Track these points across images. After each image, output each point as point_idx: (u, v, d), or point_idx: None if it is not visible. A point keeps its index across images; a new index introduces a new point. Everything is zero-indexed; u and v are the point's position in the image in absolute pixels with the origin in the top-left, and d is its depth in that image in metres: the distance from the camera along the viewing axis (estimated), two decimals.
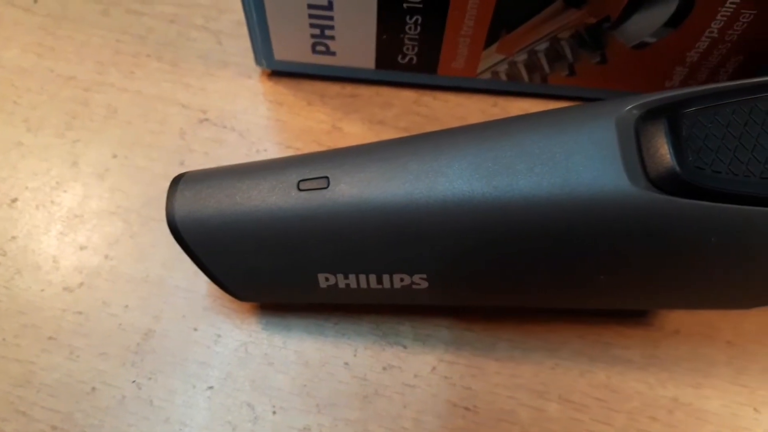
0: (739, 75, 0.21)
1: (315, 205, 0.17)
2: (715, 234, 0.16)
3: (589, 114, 0.17)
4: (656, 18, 0.19)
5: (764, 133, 0.16)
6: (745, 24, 0.19)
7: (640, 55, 0.21)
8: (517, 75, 0.22)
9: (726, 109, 0.17)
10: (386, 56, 0.22)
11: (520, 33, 0.20)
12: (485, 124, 0.18)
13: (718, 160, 0.16)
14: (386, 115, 0.23)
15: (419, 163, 0.17)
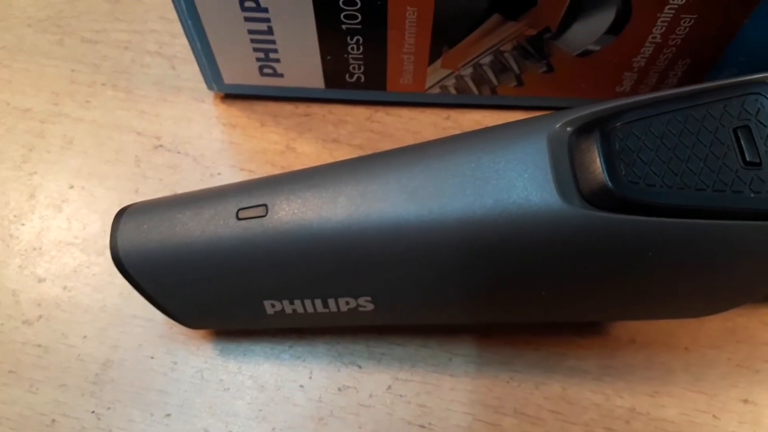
0: (688, 78, 0.21)
1: (254, 234, 0.17)
2: (651, 248, 0.16)
3: (521, 132, 0.17)
4: (596, 26, 0.19)
5: (699, 143, 0.16)
6: (687, 28, 0.19)
7: (586, 63, 0.21)
8: (465, 88, 0.22)
9: (660, 120, 0.17)
10: (334, 76, 0.22)
11: (462, 48, 0.20)
12: (419, 146, 0.18)
13: (651, 172, 0.16)
14: (340, 133, 0.23)
15: (355, 188, 0.17)
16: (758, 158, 0.16)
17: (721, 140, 0.16)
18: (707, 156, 0.16)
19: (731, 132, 0.16)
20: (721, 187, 0.16)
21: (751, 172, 0.16)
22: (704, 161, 0.16)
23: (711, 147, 0.16)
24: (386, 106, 0.24)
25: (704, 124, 0.17)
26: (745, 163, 0.16)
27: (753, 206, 0.16)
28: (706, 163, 0.16)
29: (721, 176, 0.16)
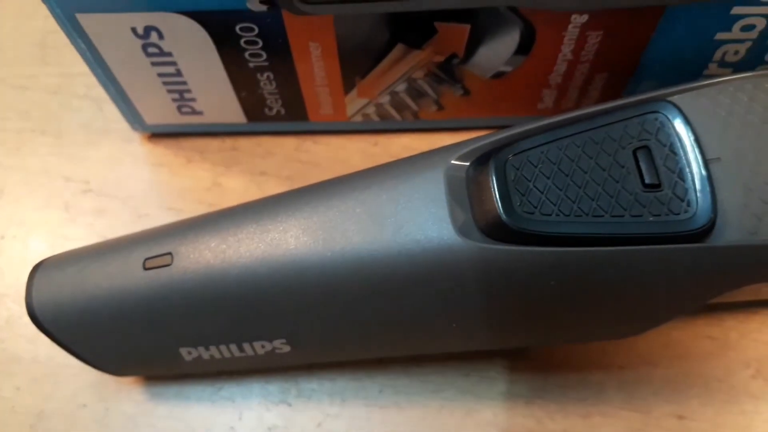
0: (608, 91, 0.21)
1: (160, 284, 0.17)
2: (552, 278, 0.16)
3: (418, 167, 0.17)
4: (504, 49, 0.19)
5: (597, 167, 0.16)
6: (596, 44, 0.19)
7: (501, 83, 0.20)
8: (387, 115, 0.22)
9: (557, 145, 0.16)
10: (253, 110, 0.22)
11: (374, 78, 0.20)
12: (322, 185, 0.18)
13: (547, 201, 0.16)
14: (268, 165, 0.23)
15: (257, 230, 0.17)
16: (658, 180, 0.16)
17: (620, 163, 0.16)
18: (605, 180, 0.16)
19: (631, 154, 0.16)
20: (620, 212, 0.16)
21: (650, 194, 0.16)
22: (602, 186, 0.16)
23: (610, 171, 0.16)
24: (314, 135, 0.23)
25: (603, 147, 0.16)
26: (645, 185, 0.16)
27: (653, 231, 0.15)
28: (604, 188, 0.16)
29: (620, 201, 0.16)
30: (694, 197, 0.15)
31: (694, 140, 0.16)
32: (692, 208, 0.15)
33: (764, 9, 0.18)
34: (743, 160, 0.16)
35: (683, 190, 0.16)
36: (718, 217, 0.16)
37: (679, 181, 0.16)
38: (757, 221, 0.15)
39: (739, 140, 0.16)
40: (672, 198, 0.15)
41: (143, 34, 0.18)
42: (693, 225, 0.15)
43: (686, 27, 0.18)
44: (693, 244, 0.15)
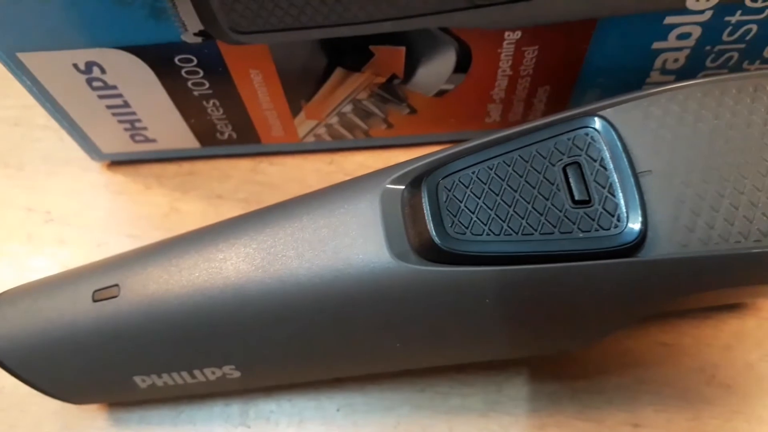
0: (553, 103, 0.21)
1: (108, 316, 0.17)
2: (486, 296, 0.16)
3: (354, 191, 0.17)
4: (442, 68, 0.19)
5: (527, 185, 0.16)
6: (534, 59, 0.19)
7: (446, 101, 0.21)
8: (339, 135, 0.22)
9: (488, 165, 0.17)
10: (205, 136, 0.22)
11: (318, 101, 0.20)
12: (262, 212, 0.18)
13: (478, 222, 0.16)
14: (224, 188, 0.23)
15: (198, 260, 0.17)
16: (587, 196, 0.16)
17: (549, 180, 0.16)
18: (535, 198, 0.16)
19: (560, 170, 0.16)
20: (549, 229, 0.16)
21: (580, 210, 0.16)
22: (532, 204, 0.16)
23: (539, 188, 0.16)
24: (270, 156, 0.24)
25: (533, 164, 0.16)
26: (574, 202, 0.16)
27: (582, 247, 0.15)
28: (533, 206, 0.16)
29: (549, 218, 0.16)
30: (624, 212, 0.16)
31: (624, 154, 0.16)
32: (622, 223, 0.15)
33: (696, 17, 0.18)
34: (675, 171, 0.16)
35: (613, 205, 0.16)
36: (649, 230, 0.16)
37: (609, 196, 0.16)
38: (688, 233, 0.16)
39: (670, 152, 0.16)
40: (602, 213, 0.16)
41: (85, 69, 0.19)
42: (623, 240, 0.15)
43: (621, 38, 0.18)
44: (624, 258, 0.15)
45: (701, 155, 0.16)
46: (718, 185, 0.16)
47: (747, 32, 0.19)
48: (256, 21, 0.17)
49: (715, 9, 0.18)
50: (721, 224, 0.16)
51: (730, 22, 0.18)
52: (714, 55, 0.19)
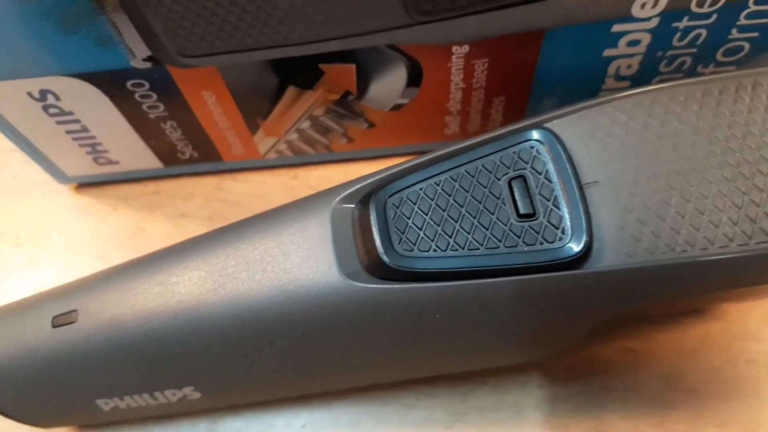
0: (510, 112, 0.21)
1: (67, 342, 0.18)
2: (436, 311, 0.16)
3: (304, 211, 0.17)
4: (394, 83, 0.19)
5: (473, 200, 0.16)
6: (485, 71, 0.19)
7: (403, 114, 0.21)
8: (300, 150, 0.22)
9: (435, 181, 0.17)
10: (167, 156, 0.22)
11: (275, 119, 0.20)
12: (216, 234, 0.18)
13: (425, 238, 0.16)
14: (189, 206, 0.23)
15: (152, 283, 0.17)
16: (532, 209, 0.16)
17: (495, 194, 0.16)
18: (481, 213, 0.16)
19: (506, 184, 0.16)
20: (494, 244, 0.16)
21: (524, 224, 0.16)
22: (478, 219, 0.16)
23: (485, 203, 0.16)
24: (234, 173, 0.24)
25: (479, 179, 0.16)
26: (519, 215, 0.16)
27: (527, 261, 0.15)
28: (479, 221, 0.16)
29: (495, 233, 0.16)
30: (568, 224, 0.16)
31: (569, 166, 0.16)
32: (566, 236, 0.15)
33: (644, 25, 0.18)
34: (621, 181, 0.16)
35: (558, 217, 0.16)
36: (595, 241, 0.16)
37: (553, 209, 0.16)
38: (635, 243, 0.16)
39: (617, 161, 0.16)
40: (546, 226, 0.16)
41: (40, 97, 0.19)
42: (566, 253, 0.15)
43: (571, 47, 0.18)
44: (568, 271, 0.15)
45: (648, 164, 0.16)
46: (665, 194, 0.16)
47: (697, 37, 0.19)
48: (202, 45, 0.17)
49: (661, 16, 0.18)
50: (667, 233, 0.16)
51: (678, 27, 0.18)
52: (667, 60, 0.19)
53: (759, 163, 0.16)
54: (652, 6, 0.17)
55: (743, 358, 0.20)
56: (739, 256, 0.16)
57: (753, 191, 0.16)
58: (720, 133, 0.17)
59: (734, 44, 0.19)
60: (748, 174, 0.16)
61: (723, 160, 0.16)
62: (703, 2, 0.17)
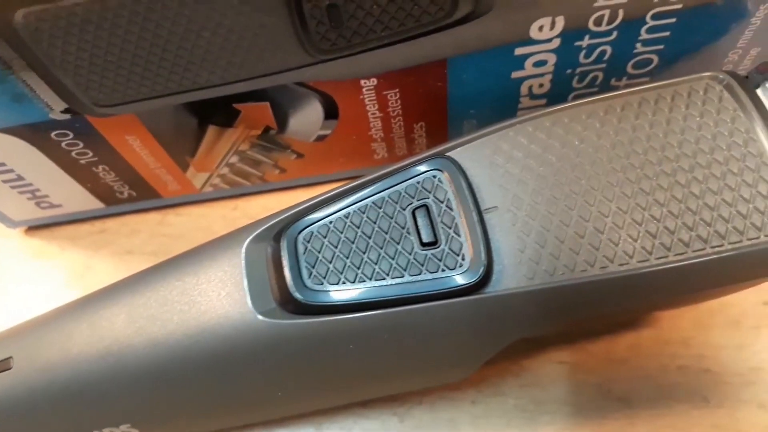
0: (433, 135, 0.21)
1: (3, 388, 0.18)
2: (350, 342, 0.16)
3: (220, 250, 0.18)
4: (312, 117, 0.20)
5: (379, 231, 0.17)
6: (398, 100, 0.20)
7: (329, 144, 0.21)
8: (235, 182, 0.23)
9: (344, 213, 0.17)
10: (106, 197, 0.23)
11: (202, 156, 0.21)
12: (141, 275, 0.18)
13: (334, 271, 0.16)
14: (134, 243, 0.24)
15: (85, 326, 0.18)
16: (434, 237, 0.16)
17: (400, 225, 0.17)
18: (386, 243, 0.17)
19: (410, 214, 0.17)
20: (399, 273, 0.16)
21: (428, 252, 0.16)
22: (384, 249, 0.17)
23: (391, 233, 0.17)
24: (176, 207, 0.24)
25: (385, 210, 0.17)
26: (422, 244, 0.16)
27: (430, 288, 0.16)
28: (385, 252, 0.16)
29: (400, 262, 0.16)
30: (468, 251, 0.16)
31: (469, 193, 0.17)
32: (466, 262, 0.16)
33: (545, 46, 0.18)
34: (520, 205, 0.16)
35: (458, 244, 0.16)
36: (496, 265, 0.16)
37: (454, 236, 0.16)
38: (534, 265, 0.16)
39: (516, 186, 0.17)
40: (448, 254, 0.16)
41: None
42: (468, 278, 0.16)
43: (476, 73, 0.19)
44: (470, 296, 0.16)
45: (547, 186, 0.17)
46: (563, 215, 0.16)
47: (603, 53, 0.19)
48: (114, 95, 0.18)
49: (562, 36, 0.18)
50: (566, 254, 0.16)
51: (581, 46, 0.18)
52: (578, 77, 0.20)
53: (659, 178, 0.17)
54: (550, 28, 0.18)
55: (675, 364, 0.21)
56: (640, 272, 0.16)
57: (653, 206, 0.16)
58: (621, 149, 0.17)
59: (642, 57, 0.19)
60: (648, 189, 0.16)
61: (623, 176, 0.17)
62: (600, 21, 0.18)
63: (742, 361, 0.20)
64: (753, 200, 0.16)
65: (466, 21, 0.17)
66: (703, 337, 0.21)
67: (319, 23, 0.16)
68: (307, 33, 0.16)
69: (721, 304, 0.21)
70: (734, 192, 0.16)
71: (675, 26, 0.18)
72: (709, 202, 0.16)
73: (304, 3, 0.15)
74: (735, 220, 0.16)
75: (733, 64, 0.20)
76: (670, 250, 0.16)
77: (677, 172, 0.16)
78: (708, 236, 0.16)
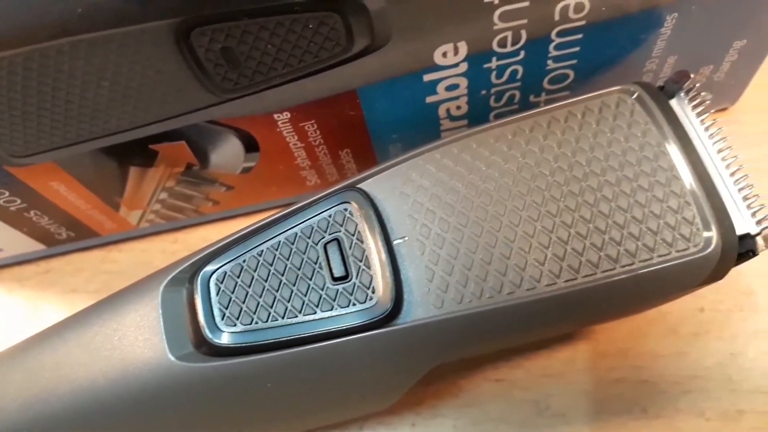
0: (361, 161, 0.21)
1: None
2: (267, 381, 0.17)
3: (139, 294, 0.18)
4: (233, 151, 0.20)
5: (292, 268, 0.17)
6: (317, 131, 0.19)
7: (257, 175, 0.21)
8: (170, 217, 0.23)
9: (256, 252, 0.17)
10: (45, 239, 0.23)
11: (130, 196, 0.21)
12: (69, 321, 0.18)
13: (247, 311, 0.17)
14: (78, 281, 0.24)
15: (13, 372, 0.18)
16: (345, 271, 0.16)
17: (312, 260, 0.17)
18: (298, 280, 0.17)
19: (322, 249, 0.17)
20: (311, 310, 0.16)
21: (339, 287, 0.16)
22: (296, 286, 0.17)
23: (303, 270, 0.17)
24: (118, 243, 0.25)
25: (297, 246, 0.17)
26: (334, 279, 0.16)
27: (341, 324, 0.16)
28: (298, 289, 0.17)
29: (312, 299, 0.16)
30: (379, 283, 0.16)
31: (378, 225, 0.17)
32: (376, 295, 0.16)
33: (453, 71, 0.18)
34: (428, 235, 0.16)
35: (368, 277, 0.16)
36: (406, 296, 0.16)
37: (365, 269, 0.16)
38: (442, 294, 0.16)
39: (425, 215, 0.17)
40: (358, 287, 0.16)
41: None
42: (377, 312, 0.16)
43: (390, 100, 0.19)
44: (381, 329, 0.16)
45: (454, 214, 0.17)
46: (470, 242, 0.16)
47: (515, 72, 0.19)
48: (27, 145, 0.18)
49: (468, 60, 0.18)
50: (473, 281, 0.16)
51: (490, 68, 0.18)
52: (494, 96, 0.20)
53: (566, 199, 0.17)
54: (454, 53, 0.18)
55: (612, 377, 0.21)
56: (548, 296, 0.16)
57: (559, 229, 0.16)
58: (527, 172, 0.17)
59: (557, 73, 0.19)
60: (555, 211, 0.16)
61: (530, 200, 0.17)
62: (504, 43, 0.18)
63: (679, 370, 0.20)
64: (663, 216, 0.16)
65: (366, 54, 0.17)
66: (640, 348, 0.21)
67: (216, 65, 0.16)
68: (206, 75, 0.16)
69: (659, 312, 0.21)
70: (644, 208, 0.16)
71: (583, 41, 0.18)
72: (618, 220, 0.16)
73: (197, 48, 0.15)
74: (645, 237, 0.16)
75: (653, 73, 0.20)
76: (578, 272, 0.16)
77: (585, 192, 0.16)
78: (617, 255, 0.16)
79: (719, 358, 0.20)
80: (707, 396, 0.20)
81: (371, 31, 0.16)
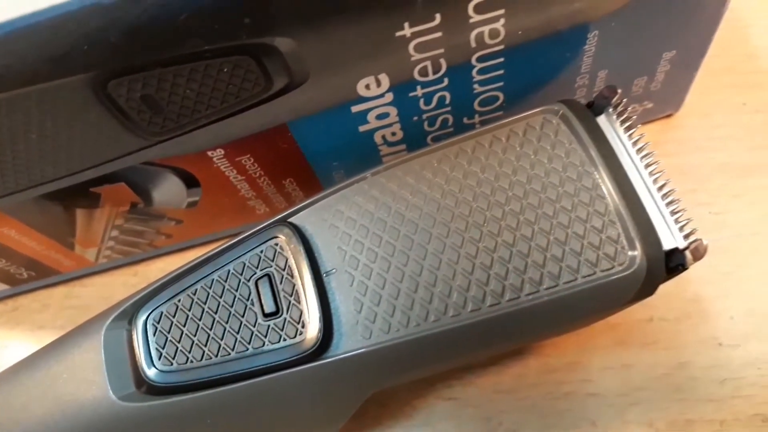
0: (307, 188, 0.22)
1: None
2: (206, 417, 0.17)
3: (83, 334, 0.18)
4: (174, 189, 0.20)
5: (224, 306, 0.17)
6: (255, 163, 0.20)
7: (204, 208, 0.22)
8: (127, 252, 0.23)
9: (190, 292, 0.17)
10: (8, 279, 0.23)
11: (82, 236, 0.22)
12: (21, 363, 0.19)
13: (182, 351, 0.17)
14: (44, 318, 0.25)
15: None
16: (276, 307, 0.17)
17: (244, 297, 0.17)
18: (231, 318, 0.17)
19: (253, 285, 0.17)
20: (243, 347, 0.17)
21: (270, 323, 0.17)
22: (228, 324, 0.17)
23: (235, 307, 0.17)
24: (81, 279, 0.25)
25: (229, 284, 0.17)
26: (265, 315, 0.17)
27: (271, 360, 0.16)
28: (230, 326, 0.17)
29: (243, 336, 0.17)
30: (308, 317, 0.16)
31: (307, 258, 0.17)
32: (306, 329, 0.16)
33: (379, 101, 0.18)
34: (356, 266, 0.17)
35: (298, 312, 0.16)
36: (336, 328, 0.16)
37: (294, 303, 0.17)
38: (370, 324, 0.16)
39: (353, 247, 0.17)
40: (289, 322, 0.16)
41: None
42: (306, 346, 0.16)
43: (322, 131, 0.19)
44: (311, 363, 0.16)
45: (381, 244, 0.17)
46: (396, 272, 0.17)
47: (443, 98, 0.19)
48: None
49: (392, 91, 0.18)
50: (399, 311, 0.16)
51: (417, 96, 0.19)
52: (427, 121, 0.20)
53: (489, 224, 0.17)
54: (377, 85, 0.18)
55: (561, 391, 0.21)
56: (473, 321, 0.16)
57: (482, 254, 0.17)
58: (451, 199, 0.17)
59: (486, 96, 0.20)
60: (478, 237, 0.17)
61: (454, 227, 0.17)
62: (425, 72, 0.18)
63: (627, 382, 0.21)
64: (587, 236, 0.16)
65: (288, 91, 0.17)
66: (587, 361, 0.21)
67: (139, 112, 0.16)
68: (132, 121, 0.17)
69: (608, 324, 0.21)
70: (567, 230, 0.16)
71: (506, 64, 0.18)
72: (540, 243, 0.16)
73: (116, 98, 0.16)
74: (568, 258, 0.16)
75: (586, 88, 0.20)
76: (502, 296, 0.16)
77: (507, 216, 0.17)
78: (541, 278, 0.16)
79: (667, 369, 0.20)
80: (655, 407, 0.20)
81: (288, 70, 0.16)
